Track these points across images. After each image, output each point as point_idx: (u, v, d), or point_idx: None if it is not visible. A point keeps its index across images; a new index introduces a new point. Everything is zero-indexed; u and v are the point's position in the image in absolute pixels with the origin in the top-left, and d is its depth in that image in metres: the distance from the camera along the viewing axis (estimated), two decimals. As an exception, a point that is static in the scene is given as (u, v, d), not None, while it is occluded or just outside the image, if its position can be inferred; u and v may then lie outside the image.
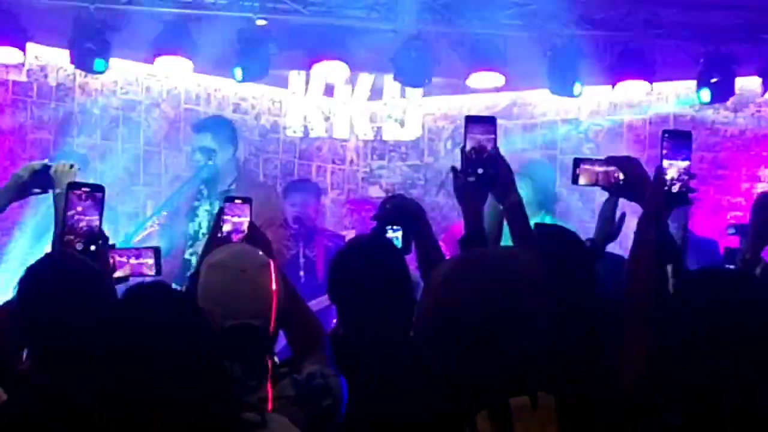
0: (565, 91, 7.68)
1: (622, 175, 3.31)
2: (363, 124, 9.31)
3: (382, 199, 4.13)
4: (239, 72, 7.50)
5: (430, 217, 4.06)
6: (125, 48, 7.60)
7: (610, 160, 3.37)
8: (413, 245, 3.93)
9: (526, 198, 3.39)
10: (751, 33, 7.47)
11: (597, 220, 3.94)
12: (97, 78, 8.14)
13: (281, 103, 9.42)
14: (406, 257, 3.86)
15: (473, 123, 3.32)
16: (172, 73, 8.17)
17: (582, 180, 3.38)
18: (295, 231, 7.44)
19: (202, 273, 3.46)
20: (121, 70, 8.43)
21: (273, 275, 3.41)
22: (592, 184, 3.42)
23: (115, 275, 3.88)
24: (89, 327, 2.70)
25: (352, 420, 3.54)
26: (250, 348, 3.32)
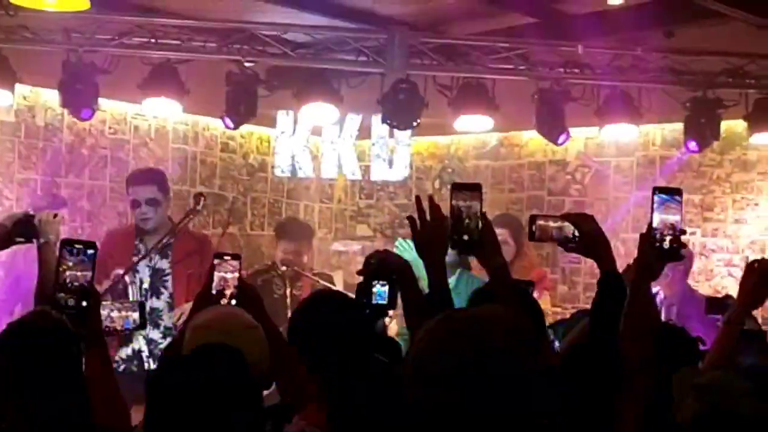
0: (552, 136, 7.70)
1: (577, 232, 3.33)
2: (351, 163, 9.32)
3: (366, 256, 4.14)
4: (229, 121, 7.51)
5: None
6: (114, 88, 7.61)
7: (565, 216, 3.39)
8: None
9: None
10: (737, 78, 7.51)
11: None
12: (86, 117, 8.15)
13: (269, 143, 9.45)
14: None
15: (458, 189, 3.34)
16: (160, 114, 8.18)
17: (538, 236, 3.40)
18: (282, 271, 7.47)
19: (186, 334, 3.47)
20: (110, 109, 8.45)
21: (259, 337, 3.41)
22: (547, 240, 3.44)
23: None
24: None
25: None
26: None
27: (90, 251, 3.63)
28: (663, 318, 5.99)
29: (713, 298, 5.51)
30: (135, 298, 6.49)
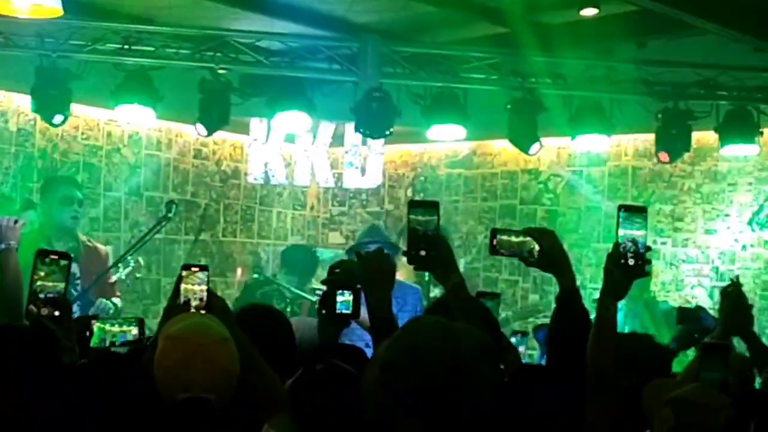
0: (524, 146, 7.74)
1: (537, 247, 3.35)
2: (324, 170, 9.33)
3: (330, 265, 4.14)
4: (202, 128, 7.49)
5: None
6: (87, 94, 7.58)
7: (526, 231, 3.40)
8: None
9: None
10: (708, 89, 7.57)
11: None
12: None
13: (242, 150, 9.44)
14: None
15: (415, 206, 3.36)
16: (133, 120, 8.16)
17: (498, 249, 3.41)
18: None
19: (159, 343, 3.45)
20: (83, 115, 8.42)
21: (230, 349, 3.40)
22: (508, 254, 3.46)
23: (93, 344, 3.87)
24: None
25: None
26: (201, 422, 3.31)
27: (63, 262, 3.63)
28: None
29: (685, 308, 5.50)
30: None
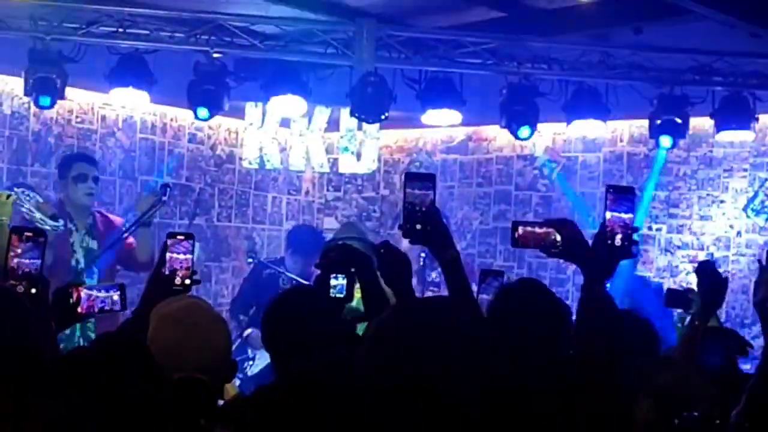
0: (515, 131, 7.72)
1: (559, 237, 3.32)
2: (319, 155, 9.33)
3: (324, 249, 4.14)
4: (203, 111, 7.42)
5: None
6: (81, 78, 7.56)
7: (545, 222, 3.38)
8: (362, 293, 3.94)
9: None
10: (703, 75, 7.56)
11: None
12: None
13: (237, 134, 9.42)
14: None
15: (412, 179, 3.34)
16: (127, 104, 8.14)
17: (521, 243, 3.39)
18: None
19: (152, 323, 3.44)
20: (77, 99, 8.40)
21: (225, 330, 3.40)
22: (529, 246, 3.44)
23: (80, 311, 3.86)
24: None
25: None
26: (195, 401, 3.30)
27: (40, 239, 3.62)
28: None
29: (674, 290, 5.47)
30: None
